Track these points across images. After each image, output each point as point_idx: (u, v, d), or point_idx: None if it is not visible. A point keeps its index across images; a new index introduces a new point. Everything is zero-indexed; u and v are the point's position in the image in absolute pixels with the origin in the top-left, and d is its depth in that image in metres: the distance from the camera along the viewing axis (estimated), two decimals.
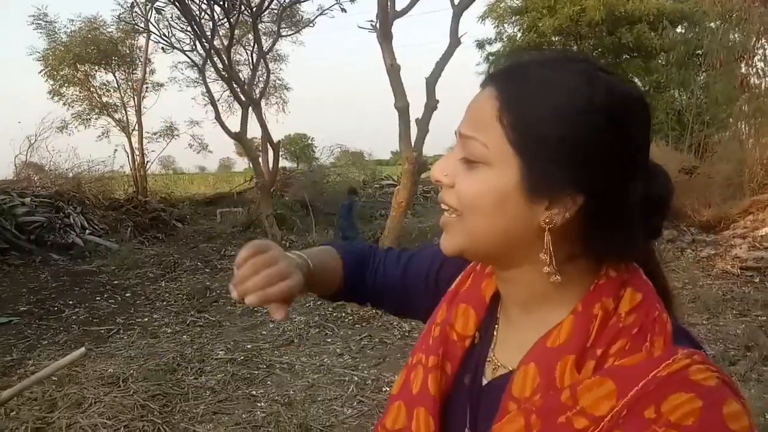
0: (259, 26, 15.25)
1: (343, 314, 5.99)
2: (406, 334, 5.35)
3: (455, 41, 6.13)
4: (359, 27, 5.71)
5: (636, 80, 14.77)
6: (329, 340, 5.35)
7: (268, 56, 14.60)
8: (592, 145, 0.57)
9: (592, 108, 0.57)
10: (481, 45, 18.54)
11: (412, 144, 5.84)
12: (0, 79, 69.07)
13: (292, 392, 4.08)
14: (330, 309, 6.11)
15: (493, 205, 0.61)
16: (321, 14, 10.30)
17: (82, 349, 3.32)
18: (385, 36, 5.59)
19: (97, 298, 7.29)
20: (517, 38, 17.58)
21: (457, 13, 6.14)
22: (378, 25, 5.57)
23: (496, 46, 18.46)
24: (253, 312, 6.37)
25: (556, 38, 16.59)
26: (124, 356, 4.95)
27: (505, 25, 18.20)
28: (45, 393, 4.07)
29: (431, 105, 5.91)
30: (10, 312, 6.61)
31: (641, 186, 0.60)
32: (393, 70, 5.64)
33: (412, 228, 10.89)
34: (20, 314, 6.57)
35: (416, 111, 6.02)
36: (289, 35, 15.29)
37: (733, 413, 0.53)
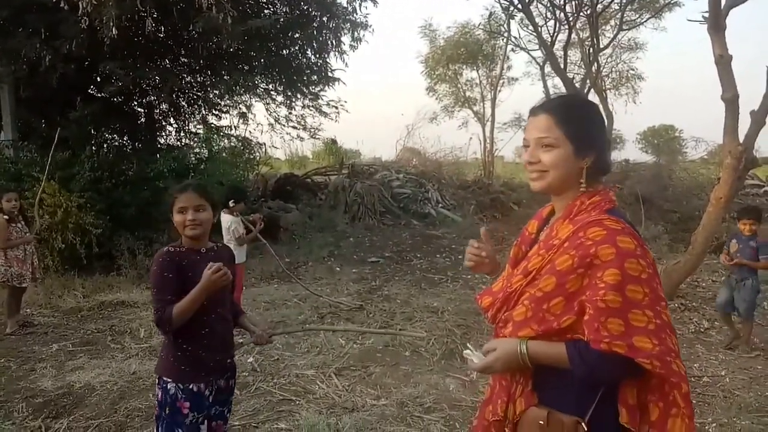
0: (617, 15, 15.26)
1: None
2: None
3: None
4: (688, 20, 5.65)
5: None
6: None
7: (620, 46, 14.53)
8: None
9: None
10: None
11: (741, 137, 5.55)
12: (395, 79, 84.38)
13: None
14: None
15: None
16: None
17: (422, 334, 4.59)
18: (716, 27, 5.44)
19: (437, 256, 9.13)
20: None
21: None
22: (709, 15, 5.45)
23: None
24: None
25: None
26: (446, 297, 6.39)
27: None
28: (389, 309, 5.76)
29: None
30: (379, 255, 9.05)
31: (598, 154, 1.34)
32: (722, 61, 5.45)
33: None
34: (385, 258, 8.92)
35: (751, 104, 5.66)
36: (643, 22, 14.78)
37: (624, 240, 1.23)
